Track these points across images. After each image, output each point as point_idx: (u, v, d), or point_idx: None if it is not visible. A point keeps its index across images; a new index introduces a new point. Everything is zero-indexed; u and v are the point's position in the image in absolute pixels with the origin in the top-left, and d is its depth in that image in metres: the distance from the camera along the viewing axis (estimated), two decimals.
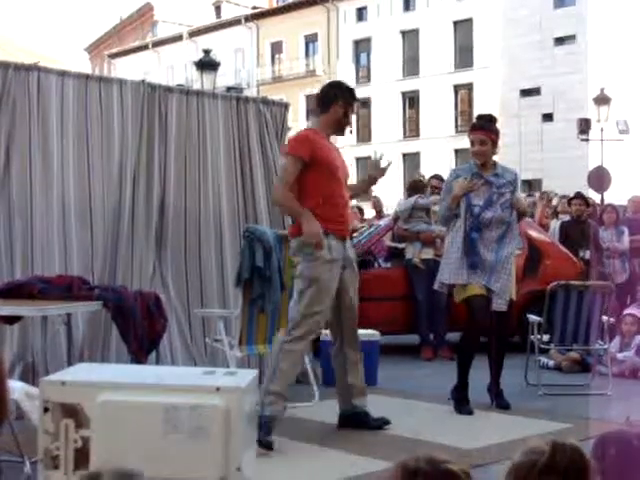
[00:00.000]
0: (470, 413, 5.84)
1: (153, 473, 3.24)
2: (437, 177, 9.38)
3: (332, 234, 5.12)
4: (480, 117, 6.24)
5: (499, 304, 5.86)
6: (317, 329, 5.24)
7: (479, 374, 6.03)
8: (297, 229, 5.14)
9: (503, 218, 5.90)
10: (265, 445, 4.71)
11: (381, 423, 5.36)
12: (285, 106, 7.50)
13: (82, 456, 3.27)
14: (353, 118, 5.43)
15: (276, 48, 44.40)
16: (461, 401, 5.92)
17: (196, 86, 19.20)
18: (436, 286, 6.15)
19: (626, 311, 8.08)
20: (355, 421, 5.36)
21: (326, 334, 7.16)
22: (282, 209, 5.93)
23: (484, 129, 5.98)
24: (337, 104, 5.27)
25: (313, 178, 5.09)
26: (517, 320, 7.52)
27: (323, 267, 5.07)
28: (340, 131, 5.36)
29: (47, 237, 5.95)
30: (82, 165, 6.20)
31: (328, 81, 5.70)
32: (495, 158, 6.12)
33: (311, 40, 43.23)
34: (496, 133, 6.04)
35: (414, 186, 9.09)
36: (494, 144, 5.99)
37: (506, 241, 5.91)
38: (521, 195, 6.75)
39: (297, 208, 5.10)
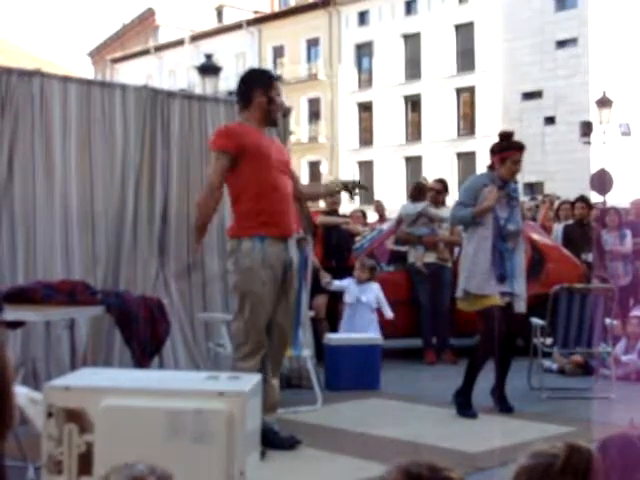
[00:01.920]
0: (474, 417, 5.84)
1: None
2: (441, 181, 9.37)
3: (268, 238, 4.78)
4: (509, 135, 6.18)
5: (521, 306, 6.01)
6: (262, 341, 4.86)
7: (481, 377, 6.03)
8: (234, 230, 4.88)
9: (521, 229, 6.14)
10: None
11: (290, 443, 4.89)
12: (287, 110, 7.50)
13: (86, 461, 3.27)
14: (282, 99, 5.05)
15: (278, 52, 44.42)
16: (465, 405, 5.92)
17: (198, 91, 19.24)
18: (460, 294, 6.05)
19: (633, 313, 8.10)
20: (263, 440, 4.37)
21: (329, 338, 7.19)
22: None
23: (523, 148, 6.13)
24: (257, 94, 4.89)
25: (246, 170, 4.75)
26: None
27: (255, 278, 4.75)
28: (271, 120, 5.00)
29: (49, 242, 5.95)
30: (84, 170, 6.20)
31: (244, 71, 5.21)
32: None
33: (313, 44, 43.24)
34: None
35: (418, 190, 9.06)
36: None
37: (518, 247, 6.07)
38: None
39: (201, 224, 4.82)
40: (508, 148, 6.08)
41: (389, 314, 7.91)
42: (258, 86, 4.90)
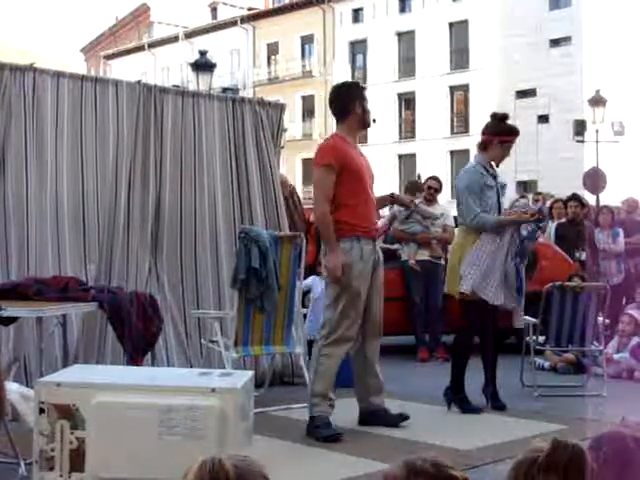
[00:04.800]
0: (479, 411, 5.84)
1: (148, 474, 3.24)
2: (434, 178, 9.37)
3: (363, 237, 5.27)
4: (506, 117, 6.15)
5: (519, 321, 6.11)
6: (352, 333, 5.30)
7: (473, 375, 6.04)
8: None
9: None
10: (331, 439, 5.01)
11: (400, 419, 5.42)
12: (281, 107, 7.50)
13: (77, 457, 3.26)
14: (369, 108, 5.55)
15: (272, 49, 44.38)
16: (463, 401, 5.91)
17: (192, 87, 19.18)
18: (466, 290, 5.84)
19: (626, 311, 8.12)
20: (374, 419, 5.44)
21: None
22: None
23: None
24: (354, 106, 5.39)
25: (344, 185, 5.24)
26: None
27: (354, 273, 5.22)
28: (364, 127, 5.56)
29: (41, 238, 5.93)
30: (77, 166, 6.19)
31: (334, 85, 5.80)
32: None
33: (307, 41, 43.21)
34: None
35: (412, 187, 9.10)
36: None
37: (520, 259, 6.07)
38: None
39: (329, 236, 5.25)
40: (510, 132, 6.06)
41: None
42: (355, 98, 5.42)
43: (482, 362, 6.14)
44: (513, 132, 6.08)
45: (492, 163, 6.06)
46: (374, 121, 5.67)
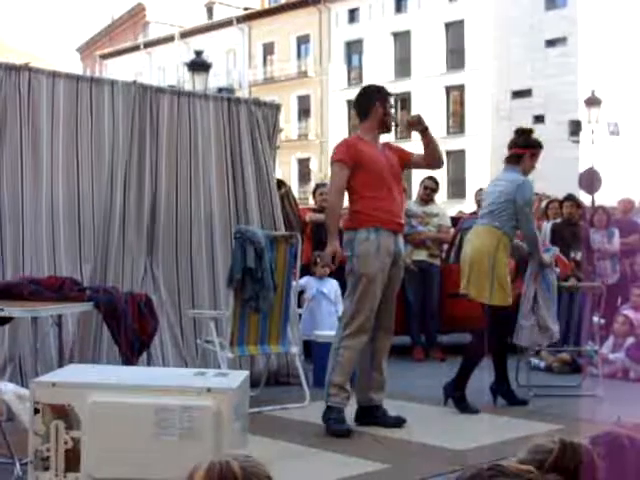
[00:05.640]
0: (475, 411, 5.87)
1: (143, 474, 3.24)
2: (431, 178, 9.36)
3: (382, 229, 5.34)
4: (531, 131, 6.57)
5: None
6: (370, 325, 5.37)
7: (473, 376, 6.04)
8: (350, 222, 5.43)
9: None
10: (341, 434, 5.13)
11: (397, 422, 5.43)
12: (277, 107, 7.49)
13: (73, 457, 3.26)
14: (392, 112, 5.67)
15: (268, 49, 44.37)
16: (461, 399, 5.93)
17: (187, 87, 19.18)
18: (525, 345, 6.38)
19: (621, 311, 8.13)
20: (371, 415, 5.47)
21: (317, 335, 7.20)
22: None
23: None
24: (374, 107, 5.53)
25: (360, 179, 5.38)
26: None
27: (370, 263, 5.29)
28: (386, 129, 5.64)
29: (37, 239, 5.93)
30: (72, 166, 6.18)
31: (361, 88, 5.92)
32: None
33: (303, 41, 43.20)
34: None
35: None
36: None
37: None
38: None
39: (330, 225, 5.41)
40: (539, 145, 6.37)
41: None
42: (376, 100, 5.56)
43: (493, 362, 6.21)
44: (541, 145, 6.38)
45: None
46: (396, 125, 5.85)
